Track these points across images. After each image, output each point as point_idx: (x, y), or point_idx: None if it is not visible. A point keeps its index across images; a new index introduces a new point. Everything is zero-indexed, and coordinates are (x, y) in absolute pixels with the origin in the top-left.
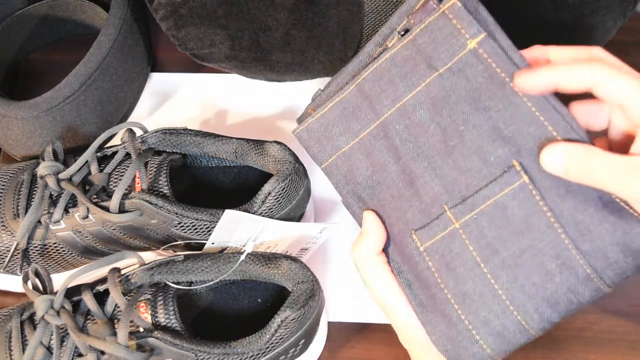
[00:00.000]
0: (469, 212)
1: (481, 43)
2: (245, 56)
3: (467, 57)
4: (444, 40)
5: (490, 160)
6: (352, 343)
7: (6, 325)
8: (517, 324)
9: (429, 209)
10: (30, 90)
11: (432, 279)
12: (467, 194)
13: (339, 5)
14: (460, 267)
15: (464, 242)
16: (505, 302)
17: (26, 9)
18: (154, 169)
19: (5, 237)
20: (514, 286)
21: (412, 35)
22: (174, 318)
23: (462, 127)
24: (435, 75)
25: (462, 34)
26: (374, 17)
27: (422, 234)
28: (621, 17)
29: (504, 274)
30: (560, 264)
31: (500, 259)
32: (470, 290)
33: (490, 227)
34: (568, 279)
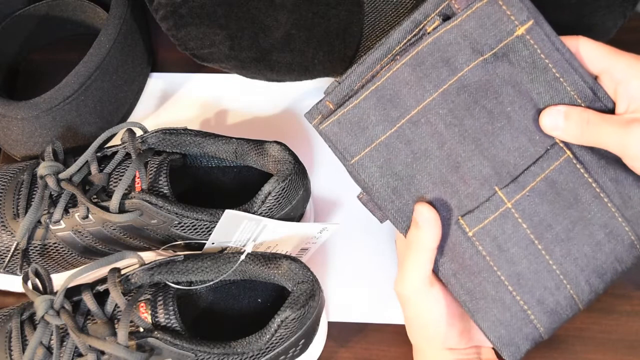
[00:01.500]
0: (520, 190)
1: (529, 30)
2: (245, 56)
3: (513, 43)
4: (492, 26)
5: (535, 139)
6: (352, 343)
7: (6, 325)
8: (569, 298)
9: (478, 192)
10: (30, 90)
11: (482, 263)
12: (516, 173)
13: (339, 5)
14: (513, 247)
15: (516, 221)
16: (560, 276)
17: (26, 9)
18: (154, 169)
19: (5, 237)
20: (568, 260)
21: (458, 20)
22: (174, 318)
23: (508, 108)
24: (479, 60)
25: (512, 20)
26: (374, 17)
27: (470, 219)
28: (621, 17)
29: (558, 248)
30: (608, 232)
31: (553, 233)
32: (525, 269)
33: (542, 203)
34: (615, 247)
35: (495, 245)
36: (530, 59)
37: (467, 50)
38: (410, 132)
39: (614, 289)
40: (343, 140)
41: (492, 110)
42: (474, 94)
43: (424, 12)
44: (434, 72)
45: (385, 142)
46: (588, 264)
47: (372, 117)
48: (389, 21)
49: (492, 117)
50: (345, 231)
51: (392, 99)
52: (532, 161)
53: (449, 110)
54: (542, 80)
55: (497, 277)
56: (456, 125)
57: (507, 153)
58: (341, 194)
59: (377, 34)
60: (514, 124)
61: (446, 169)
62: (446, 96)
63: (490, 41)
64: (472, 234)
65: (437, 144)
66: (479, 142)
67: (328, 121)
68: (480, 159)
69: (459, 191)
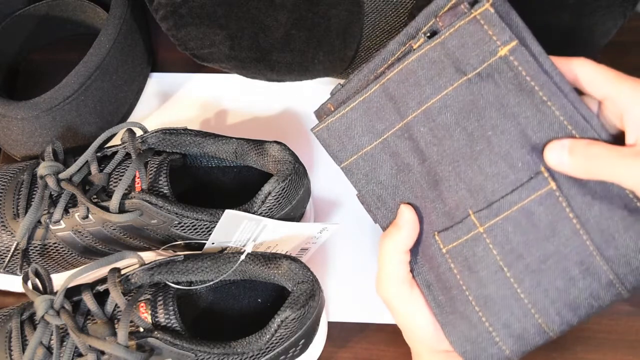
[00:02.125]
0: (494, 217)
1: (512, 50)
2: (245, 56)
3: (497, 64)
4: (474, 46)
5: (517, 166)
6: (352, 343)
7: (6, 325)
8: (537, 326)
9: (453, 212)
10: (30, 90)
11: (453, 280)
12: (493, 199)
13: (339, 5)
14: (483, 270)
15: (487, 247)
16: (527, 305)
17: (26, 9)
18: (154, 169)
19: (5, 237)
20: (537, 290)
21: (441, 38)
22: (174, 318)
23: (489, 132)
24: (463, 80)
25: (494, 41)
26: (374, 17)
27: (444, 236)
28: (621, 17)
29: (528, 278)
30: (584, 269)
31: (524, 264)
32: (493, 293)
33: (515, 233)
34: (591, 284)
35: (466, 265)
36: (516, 81)
37: (450, 69)
38: (394, 145)
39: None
40: (332, 146)
41: (473, 132)
42: (456, 114)
43: (416, 26)
44: (417, 89)
45: (371, 152)
46: (559, 297)
47: (358, 127)
48: (389, 21)
49: (471, 140)
50: (345, 231)
51: (378, 112)
52: (511, 189)
53: (429, 129)
54: (529, 104)
55: (466, 296)
56: (435, 144)
57: (484, 178)
58: (341, 194)
59: (377, 34)
60: (493, 148)
61: (426, 184)
62: (428, 115)
63: (472, 61)
64: (446, 250)
65: (418, 159)
66: (456, 164)
67: (319, 126)
68: (456, 181)
69: (437, 207)
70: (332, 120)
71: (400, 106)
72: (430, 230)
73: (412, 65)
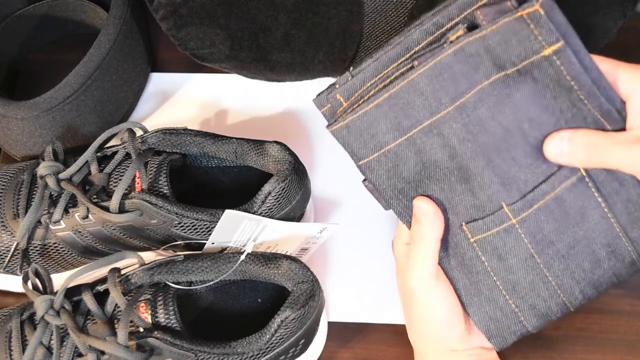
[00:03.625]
0: (528, 208)
1: (557, 51)
2: (245, 56)
3: (539, 61)
4: (517, 44)
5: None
6: (352, 343)
7: (6, 325)
8: (561, 304)
9: (484, 205)
10: (30, 90)
11: (480, 267)
12: (526, 190)
13: (339, 5)
14: (512, 258)
15: (519, 236)
16: (555, 287)
17: (26, 9)
18: (154, 169)
19: (5, 237)
20: (565, 274)
21: (482, 33)
22: (174, 318)
23: (525, 124)
24: (501, 75)
25: (539, 41)
26: (374, 17)
27: (474, 227)
28: (621, 17)
29: (557, 263)
30: (610, 251)
31: (554, 250)
32: (522, 278)
33: (547, 221)
34: (615, 264)
35: (496, 254)
36: (556, 78)
37: (488, 63)
38: (421, 142)
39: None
40: (351, 145)
41: (509, 126)
42: (492, 109)
43: (448, 16)
44: (452, 84)
45: (395, 149)
46: (585, 278)
47: (382, 125)
48: (389, 21)
49: (507, 134)
50: (345, 231)
51: (405, 108)
52: (544, 178)
53: (463, 125)
54: (565, 99)
55: (493, 282)
56: (469, 140)
57: (518, 169)
58: (341, 194)
59: (377, 34)
60: (528, 140)
61: (455, 179)
62: (462, 110)
63: (514, 58)
64: (474, 241)
65: (447, 156)
66: (490, 158)
67: (337, 125)
68: (490, 176)
69: (466, 200)
70: (352, 118)
71: (432, 102)
72: (456, 221)
73: (447, 60)
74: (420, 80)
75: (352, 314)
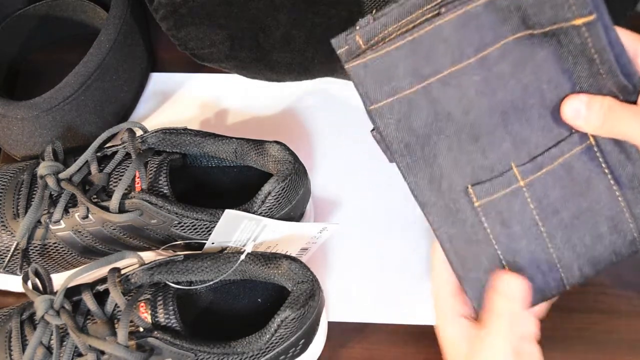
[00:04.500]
0: (537, 170)
1: (587, 23)
2: (245, 56)
3: (567, 29)
4: (549, 9)
5: (561, 120)
6: (352, 343)
7: (6, 325)
8: (558, 280)
9: (493, 166)
10: (30, 90)
11: (482, 234)
12: (536, 153)
13: (339, 5)
14: (516, 225)
15: (525, 201)
16: (555, 260)
17: (26, 9)
18: (154, 169)
19: (5, 237)
20: (567, 246)
21: None
22: (173, 318)
23: (544, 85)
24: (527, 32)
25: (572, 10)
26: None
27: (480, 190)
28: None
29: (560, 234)
30: (612, 226)
31: (558, 219)
32: (523, 248)
33: (554, 187)
34: (616, 240)
35: (499, 220)
36: (581, 48)
37: (516, 20)
38: (437, 91)
39: (614, 289)
40: (366, 85)
41: (528, 85)
42: (513, 65)
43: None
44: (478, 35)
45: (410, 96)
46: (585, 253)
47: (401, 68)
48: None
49: (526, 93)
50: (345, 231)
51: (427, 54)
52: (554, 142)
53: (483, 78)
54: (586, 68)
55: (494, 250)
56: (487, 94)
57: (531, 131)
58: (341, 194)
59: None
60: (545, 102)
61: (466, 136)
62: (484, 63)
63: (543, 21)
64: (479, 204)
65: (462, 109)
66: (505, 115)
67: (355, 62)
68: (502, 133)
69: (474, 160)
70: (372, 57)
71: (454, 51)
72: (461, 183)
73: (477, 10)
74: (446, 27)
75: (352, 314)
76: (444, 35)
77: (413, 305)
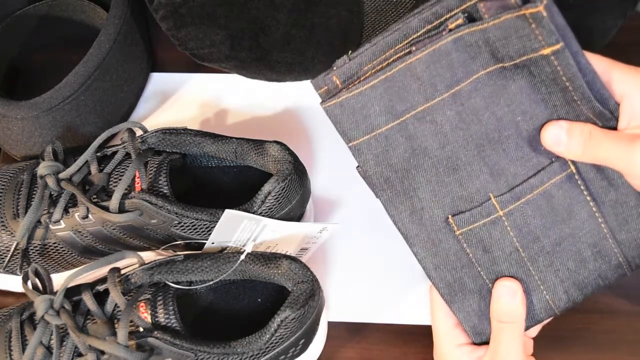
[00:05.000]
0: (515, 201)
1: (555, 52)
2: (245, 56)
3: (536, 59)
4: (517, 40)
5: (540, 150)
6: (352, 343)
7: (6, 325)
8: (544, 302)
9: (472, 196)
10: (30, 90)
11: (465, 259)
12: (515, 183)
13: (339, 5)
14: (497, 251)
15: (505, 229)
16: (538, 282)
17: (26, 9)
18: (154, 169)
19: (5, 237)
20: (549, 270)
21: (484, 26)
22: (173, 318)
23: (519, 117)
24: (498, 66)
25: (539, 40)
26: (374, 17)
27: (460, 219)
28: (621, 17)
29: (541, 258)
30: (596, 252)
31: (540, 245)
32: (505, 270)
33: (534, 216)
34: (601, 266)
35: (481, 246)
36: (552, 76)
37: (486, 55)
38: (413, 127)
39: (614, 289)
40: (343, 124)
41: (502, 117)
42: (487, 99)
43: (447, 7)
44: (449, 72)
45: (386, 133)
46: (569, 277)
47: (376, 106)
48: (389, 21)
49: (501, 125)
50: (345, 231)
51: (400, 92)
52: (533, 172)
53: (457, 113)
54: (560, 97)
55: (477, 272)
56: (462, 129)
57: (508, 162)
58: (341, 194)
59: (377, 34)
60: (521, 133)
61: (443, 169)
62: (457, 98)
63: (512, 53)
64: (460, 233)
65: (438, 144)
66: (482, 148)
67: (331, 101)
68: (480, 165)
69: (453, 192)
70: (347, 97)
71: (427, 88)
72: (441, 215)
73: (446, 47)
74: (417, 65)
75: (352, 314)
76: (416, 73)
77: (413, 305)
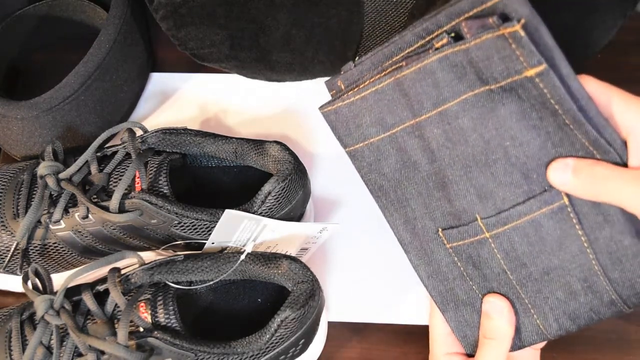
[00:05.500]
0: (502, 225)
1: (539, 74)
2: (245, 56)
3: (522, 81)
4: (499, 61)
5: (532, 177)
6: (352, 343)
7: (6, 325)
8: (535, 326)
9: (460, 214)
10: (30, 90)
11: (457, 272)
12: (503, 208)
13: (339, 5)
14: (486, 269)
15: (492, 251)
16: (528, 305)
17: (26, 9)
18: (154, 169)
19: (5, 237)
20: (538, 296)
21: (466, 46)
22: (173, 318)
23: (507, 142)
24: (485, 89)
25: (520, 62)
26: (374, 17)
27: (449, 235)
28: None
29: (530, 284)
30: (586, 286)
31: (527, 272)
32: (496, 288)
33: (521, 243)
34: (592, 300)
35: (471, 262)
36: (540, 99)
37: (472, 76)
38: (402, 141)
39: None
40: (338, 130)
41: (490, 140)
42: (474, 120)
43: (437, 23)
44: (435, 91)
45: (377, 144)
46: (559, 306)
47: (367, 117)
48: (389, 21)
49: (487, 148)
50: (345, 231)
51: (390, 105)
52: (523, 199)
53: (443, 131)
54: (552, 122)
55: (469, 286)
56: (448, 147)
57: (496, 185)
58: (341, 194)
59: (377, 34)
60: (510, 159)
61: (433, 184)
62: (443, 117)
63: (496, 75)
64: (450, 247)
65: (427, 159)
66: (468, 169)
67: (327, 108)
68: (466, 185)
69: (442, 206)
70: (340, 105)
71: (414, 104)
72: (432, 227)
73: (431, 66)
74: (404, 81)
75: (352, 314)
76: (404, 89)
77: (413, 305)
